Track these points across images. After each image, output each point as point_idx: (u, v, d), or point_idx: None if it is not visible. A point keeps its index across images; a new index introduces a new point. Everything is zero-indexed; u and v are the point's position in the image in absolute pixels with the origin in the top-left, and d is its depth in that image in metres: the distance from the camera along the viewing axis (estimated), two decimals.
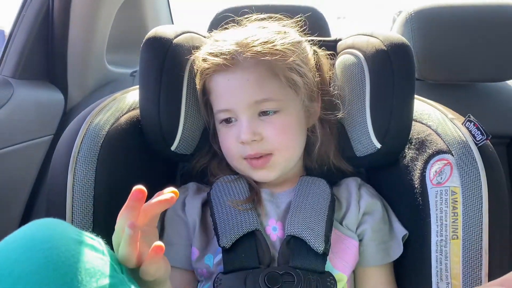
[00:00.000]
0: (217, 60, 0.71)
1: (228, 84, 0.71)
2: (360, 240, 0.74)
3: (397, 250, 0.74)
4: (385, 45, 0.74)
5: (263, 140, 0.71)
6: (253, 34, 0.72)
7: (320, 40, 0.85)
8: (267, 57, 0.69)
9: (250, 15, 0.80)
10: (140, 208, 0.51)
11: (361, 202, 0.76)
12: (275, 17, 0.79)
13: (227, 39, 0.73)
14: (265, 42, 0.70)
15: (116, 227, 0.52)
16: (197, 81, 0.76)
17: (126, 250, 0.49)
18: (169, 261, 0.72)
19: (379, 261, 0.73)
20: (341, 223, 0.75)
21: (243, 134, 0.70)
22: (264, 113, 0.71)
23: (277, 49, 0.70)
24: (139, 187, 0.51)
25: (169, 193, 0.53)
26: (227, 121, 0.74)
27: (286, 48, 0.71)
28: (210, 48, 0.74)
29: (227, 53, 0.70)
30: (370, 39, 0.78)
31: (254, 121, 0.71)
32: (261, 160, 0.72)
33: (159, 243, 0.50)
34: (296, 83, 0.72)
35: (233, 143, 0.73)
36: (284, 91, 0.72)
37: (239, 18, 0.80)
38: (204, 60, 0.73)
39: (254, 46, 0.70)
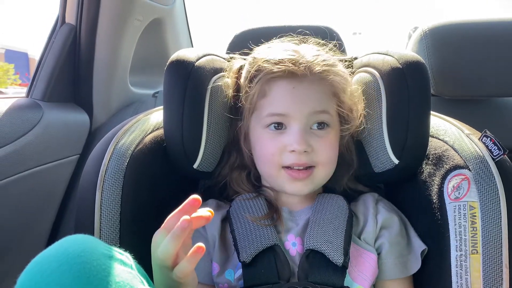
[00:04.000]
0: (286, 66, 0.72)
1: (292, 91, 0.73)
2: (378, 254, 0.74)
3: (415, 265, 0.74)
4: (400, 63, 0.76)
5: (313, 152, 0.72)
6: (317, 52, 0.77)
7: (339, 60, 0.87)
8: (331, 77, 0.73)
9: (283, 35, 0.82)
10: (191, 214, 0.54)
11: (378, 217, 0.76)
12: (309, 39, 0.81)
13: (289, 47, 0.76)
14: (330, 63, 0.75)
15: (162, 227, 0.55)
16: (253, 84, 0.75)
17: (171, 244, 0.52)
18: None
19: (397, 274, 0.73)
20: (359, 238, 0.75)
21: (298, 143, 0.70)
22: (320, 124, 0.73)
23: (338, 72, 0.75)
24: (196, 196, 0.54)
25: (208, 211, 0.56)
26: (276, 127, 0.73)
27: (344, 73, 0.77)
28: (273, 51, 0.76)
29: (297, 61, 0.73)
30: (385, 58, 0.80)
31: (306, 132, 0.72)
32: (305, 172, 0.72)
33: (201, 244, 0.52)
34: (343, 107, 0.76)
35: (276, 150, 0.73)
36: (335, 112, 0.76)
37: (273, 39, 0.82)
38: (270, 63, 0.73)
39: (323, 62, 0.74)
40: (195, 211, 0.55)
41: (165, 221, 0.55)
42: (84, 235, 0.50)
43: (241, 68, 0.82)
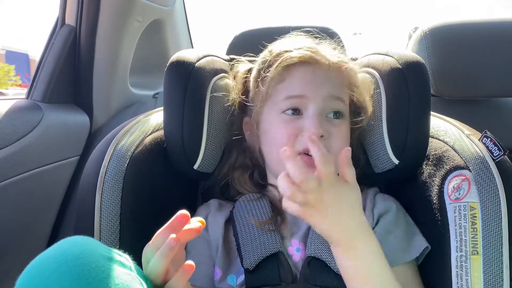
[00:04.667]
0: (308, 53, 0.74)
1: (312, 74, 0.74)
2: None
3: (414, 250, 0.72)
4: (400, 64, 0.76)
5: (328, 139, 0.72)
6: (327, 45, 0.80)
7: None
8: (347, 68, 0.76)
9: (290, 33, 0.83)
10: (180, 230, 0.53)
11: (375, 210, 0.76)
12: (320, 38, 0.82)
13: (308, 41, 0.79)
14: (345, 57, 0.78)
15: (151, 243, 0.54)
16: (272, 69, 0.75)
17: (161, 262, 0.51)
18: (192, 280, 0.73)
19: (394, 261, 0.70)
20: None
21: (315, 127, 0.70)
22: (335, 113, 0.74)
23: (352, 67, 0.78)
24: (184, 212, 0.54)
25: (197, 222, 0.55)
26: (293, 112, 0.74)
27: (357, 69, 0.80)
28: (292, 41, 0.79)
29: (318, 50, 0.75)
30: (385, 58, 0.80)
31: (323, 118, 0.73)
32: None
33: (191, 262, 0.52)
34: (358, 103, 0.77)
35: (291, 134, 0.72)
36: (348, 104, 0.77)
37: (282, 36, 0.82)
38: (290, 50, 0.75)
39: (339, 54, 0.78)
40: (183, 227, 0.54)
41: (153, 237, 0.54)
42: (83, 236, 0.50)
43: (251, 69, 0.83)
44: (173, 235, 0.51)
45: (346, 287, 0.67)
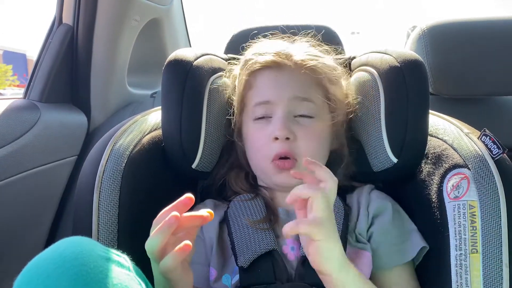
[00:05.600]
0: (270, 57, 0.75)
1: (275, 79, 0.75)
2: (371, 243, 0.73)
3: (411, 251, 0.72)
4: (398, 62, 0.76)
5: (295, 141, 0.72)
6: (300, 43, 0.80)
7: (335, 58, 0.87)
8: (313, 65, 0.75)
9: (277, 33, 0.83)
10: (183, 212, 0.55)
11: (370, 207, 0.76)
12: (297, 38, 0.82)
13: (278, 43, 0.79)
14: (313, 54, 0.77)
15: (154, 221, 0.56)
16: (243, 76, 0.78)
17: (157, 238, 0.53)
18: None
19: (391, 262, 0.72)
20: (354, 232, 0.74)
21: (279, 130, 0.71)
22: (304, 114, 0.74)
23: (324, 62, 0.77)
24: (190, 195, 0.55)
25: (208, 212, 0.56)
26: (263, 117, 0.74)
27: (330, 63, 0.78)
28: (261, 47, 0.79)
29: (280, 53, 0.75)
30: (383, 56, 0.80)
31: (289, 120, 0.73)
32: (289, 162, 0.72)
33: (188, 242, 0.53)
34: (332, 98, 0.76)
35: (264, 141, 0.73)
36: (321, 102, 0.76)
37: (271, 36, 0.83)
38: (254, 55, 0.77)
39: (305, 52, 0.76)
40: (187, 209, 0.55)
41: (158, 215, 0.56)
42: (81, 237, 0.49)
43: None
44: (175, 213, 0.53)
45: None
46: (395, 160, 0.76)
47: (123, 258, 0.50)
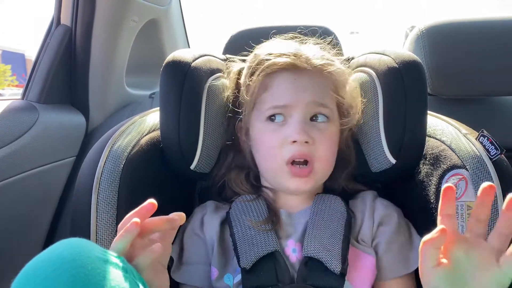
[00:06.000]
0: (289, 60, 0.73)
1: (294, 82, 0.73)
2: (376, 253, 0.73)
3: (416, 261, 0.71)
4: (396, 63, 0.76)
5: (314, 144, 0.71)
6: (312, 46, 0.79)
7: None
8: (331, 71, 0.75)
9: (282, 34, 0.82)
10: (146, 217, 0.56)
11: (375, 215, 0.76)
12: (306, 39, 0.82)
13: (291, 44, 0.78)
14: (329, 59, 0.77)
15: (119, 226, 0.57)
16: (256, 77, 0.75)
17: (120, 243, 0.53)
18: (189, 280, 0.74)
19: (396, 273, 0.72)
20: (357, 237, 0.75)
21: (298, 133, 0.70)
22: (316, 117, 0.73)
23: (338, 67, 0.77)
24: (152, 201, 0.56)
25: (176, 215, 0.58)
26: (277, 119, 0.73)
27: (343, 69, 0.78)
28: (275, 47, 0.77)
29: (299, 55, 0.74)
30: (382, 57, 0.80)
31: (307, 123, 0.72)
32: (306, 170, 0.71)
33: (159, 245, 0.55)
34: (345, 103, 0.77)
35: (278, 143, 0.72)
36: (334, 106, 0.76)
37: (276, 37, 0.82)
38: (271, 56, 0.75)
39: (321, 56, 0.76)
40: (150, 214, 0.56)
41: (121, 221, 0.57)
42: (78, 238, 0.49)
43: (242, 69, 0.82)
44: (135, 219, 0.54)
45: (343, 287, 0.67)
46: (393, 161, 0.76)
47: (121, 260, 0.50)
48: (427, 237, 0.53)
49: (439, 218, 0.54)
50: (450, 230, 0.52)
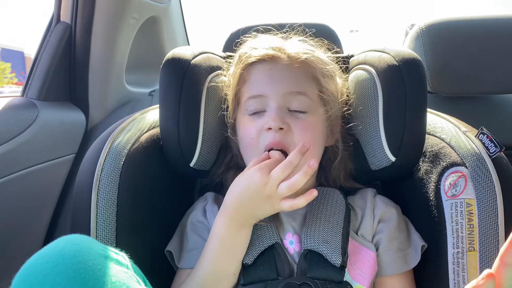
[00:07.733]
0: (264, 51, 0.75)
1: (269, 72, 0.75)
2: (377, 249, 0.74)
3: (415, 258, 0.73)
4: (396, 61, 0.76)
5: (289, 131, 0.72)
6: (294, 38, 0.80)
7: (331, 55, 0.87)
8: (307, 59, 0.75)
9: (275, 31, 0.83)
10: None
11: (376, 211, 0.76)
12: (291, 37, 0.82)
13: (272, 38, 0.79)
14: (308, 48, 0.77)
15: (258, 167, 0.65)
16: (237, 70, 0.78)
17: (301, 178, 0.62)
18: (191, 265, 0.72)
19: (397, 269, 0.73)
20: (357, 233, 0.75)
21: (272, 120, 0.71)
22: (298, 107, 0.74)
23: (317, 56, 0.77)
24: None
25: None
26: (257, 111, 0.74)
27: (323, 57, 0.78)
28: (256, 42, 0.79)
29: (274, 46, 0.75)
30: (382, 55, 0.80)
31: (283, 112, 0.73)
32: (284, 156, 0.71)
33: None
34: (327, 92, 0.76)
35: (256, 133, 0.73)
36: (315, 96, 0.75)
37: (271, 32, 0.83)
38: (248, 49, 0.77)
39: (298, 46, 0.77)
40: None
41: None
42: (79, 235, 0.50)
43: None
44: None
45: (342, 279, 0.67)
46: (393, 158, 0.76)
47: (122, 256, 0.50)
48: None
49: (497, 262, 0.45)
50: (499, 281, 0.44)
